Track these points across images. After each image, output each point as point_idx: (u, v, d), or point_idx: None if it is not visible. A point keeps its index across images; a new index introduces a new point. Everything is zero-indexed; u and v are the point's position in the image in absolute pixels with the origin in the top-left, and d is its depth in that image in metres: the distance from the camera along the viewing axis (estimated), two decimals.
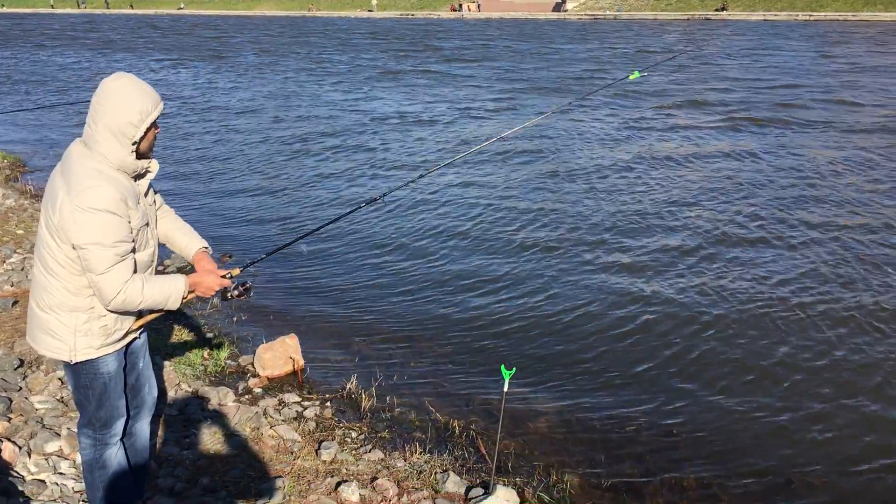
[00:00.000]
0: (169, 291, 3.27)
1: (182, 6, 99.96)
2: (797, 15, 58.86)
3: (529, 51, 36.04)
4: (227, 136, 16.25)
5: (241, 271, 3.71)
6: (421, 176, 6.16)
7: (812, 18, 57.32)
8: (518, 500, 4.39)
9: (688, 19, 62.49)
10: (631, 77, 6.83)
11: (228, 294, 3.58)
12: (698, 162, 12.92)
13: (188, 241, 3.65)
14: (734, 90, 20.57)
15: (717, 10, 65.33)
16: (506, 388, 4.32)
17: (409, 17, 78.37)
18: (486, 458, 4.85)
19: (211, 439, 4.81)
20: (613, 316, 7.05)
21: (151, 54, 36.54)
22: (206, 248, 3.69)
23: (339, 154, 14.06)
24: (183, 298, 3.36)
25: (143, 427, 3.77)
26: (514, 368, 4.37)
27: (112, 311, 3.24)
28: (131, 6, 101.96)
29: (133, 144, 3.13)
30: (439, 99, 20.26)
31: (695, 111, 17.93)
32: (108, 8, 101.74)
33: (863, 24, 51.98)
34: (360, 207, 5.53)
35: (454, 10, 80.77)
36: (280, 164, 13.54)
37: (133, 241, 3.17)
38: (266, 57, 34.84)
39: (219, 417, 5.07)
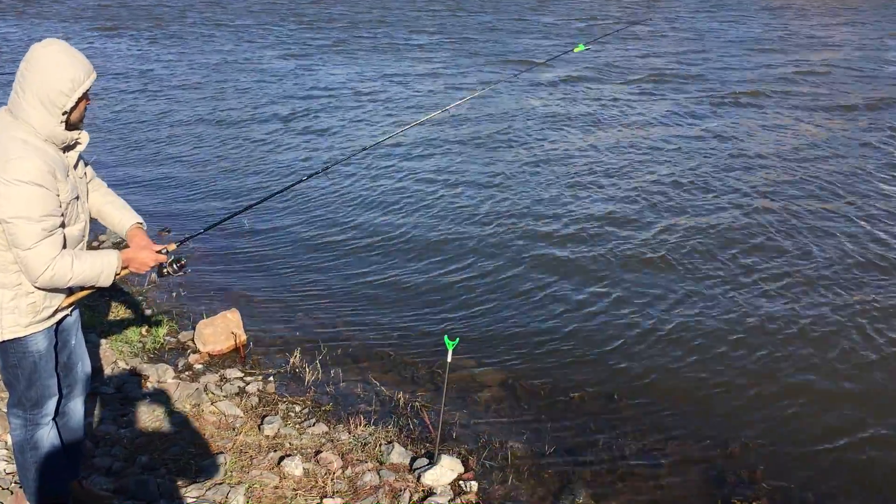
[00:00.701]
0: (101, 267, 3.16)
1: None
2: None
3: (480, 18, 35.85)
4: (167, 107, 15.78)
5: (177, 246, 3.60)
6: (364, 149, 6.10)
7: None
8: (462, 468, 4.43)
9: None
10: (575, 50, 6.85)
11: (164, 270, 3.47)
12: (633, 129, 13.06)
13: (122, 216, 3.52)
14: (690, 63, 20.81)
15: None
16: (449, 359, 4.33)
17: None
18: (431, 428, 4.86)
19: (150, 417, 4.72)
20: (558, 285, 7.11)
21: (84, 22, 35.27)
22: (141, 223, 3.55)
23: (283, 127, 13.78)
24: (116, 274, 3.25)
25: (76, 406, 3.65)
26: (458, 339, 4.38)
27: (40, 288, 3.11)
28: None
29: (63, 115, 3.00)
30: (386, 70, 19.93)
31: (642, 84, 18.10)
32: None
33: None
34: (302, 181, 5.43)
35: None
36: (222, 136, 13.22)
37: (62, 215, 3.05)
38: (208, 26, 33.93)
39: (158, 395, 4.98)
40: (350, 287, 7.13)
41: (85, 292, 3.37)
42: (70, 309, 3.42)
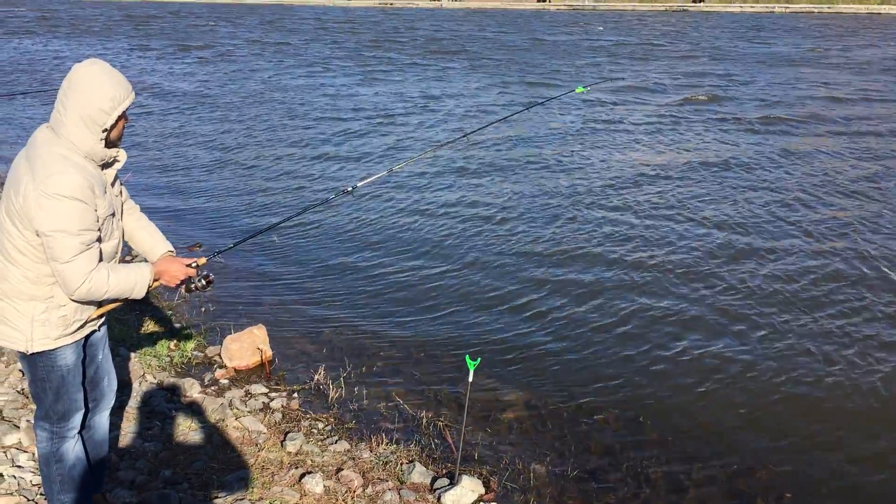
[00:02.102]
0: (135, 280, 3.22)
1: None
2: (773, 7, 59.27)
3: (506, 44, 35.98)
4: (200, 125, 16.09)
5: (207, 261, 3.66)
6: (390, 171, 6.11)
7: (788, 10, 57.74)
8: (483, 489, 4.40)
9: (666, 10, 62.71)
10: (577, 91, 6.94)
11: (192, 285, 3.53)
12: (664, 152, 12.99)
13: (153, 244, 3.57)
14: (724, 87, 20.69)
15: (694, 1, 65.62)
16: (470, 379, 4.32)
17: (388, 6, 77.95)
18: (452, 448, 4.84)
19: (174, 431, 4.76)
20: (582, 307, 7.07)
21: (123, 41, 36.05)
22: (172, 251, 3.61)
23: (313, 145, 13.96)
24: (148, 287, 3.30)
25: (101, 420, 3.70)
26: (479, 359, 4.37)
27: (76, 301, 3.17)
28: None
29: (103, 132, 3.07)
30: (415, 92, 20.13)
31: (678, 108, 18.04)
32: None
33: (836, 15, 52.47)
34: (330, 199, 5.50)
35: (433, 0, 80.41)
36: (253, 154, 13.43)
37: (99, 230, 3.11)
38: (241, 46, 34.51)
39: (183, 409, 5.02)
40: (375, 306, 7.15)
41: (114, 305, 3.42)
42: (98, 323, 3.48)
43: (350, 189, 4.97)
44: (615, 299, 7.18)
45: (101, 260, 3.15)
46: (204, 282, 3.53)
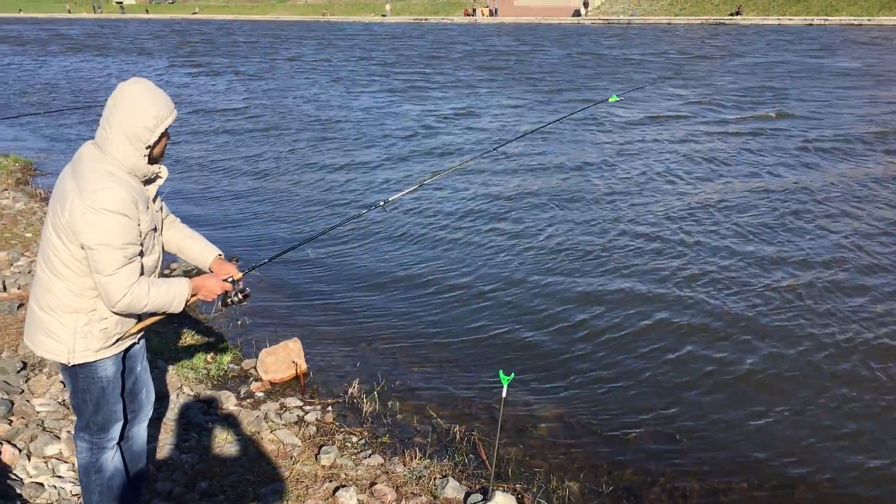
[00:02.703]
0: (173, 294, 3.29)
1: (197, 11, 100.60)
2: (812, 19, 58.52)
3: (543, 58, 36.01)
4: (237, 140, 16.33)
5: (243, 276, 3.72)
6: (421, 185, 6.14)
7: (827, 23, 56.99)
8: None
9: (701, 24, 62.28)
10: (610, 100, 6.89)
11: (229, 299, 3.59)
12: (702, 173, 12.86)
13: (202, 250, 3.69)
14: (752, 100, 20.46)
15: (731, 14, 65.08)
16: (504, 394, 4.30)
17: (423, 21, 78.56)
18: (486, 463, 4.82)
19: (211, 443, 4.81)
20: (616, 321, 7.02)
21: (165, 59, 36.78)
22: (221, 254, 3.73)
23: (348, 159, 14.08)
24: (186, 301, 3.37)
25: (140, 431, 3.77)
26: (513, 374, 4.35)
27: (116, 313, 3.24)
28: (146, 11, 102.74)
29: (147, 149, 3.16)
30: (449, 105, 20.21)
31: (696, 124, 17.87)
32: (123, 13, 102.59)
33: (878, 27, 51.64)
34: (362, 213, 5.53)
35: (468, 15, 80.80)
36: (289, 168, 13.59)
37: (141, 244, 3.19)
38: (282, 62, 34.99)
39: (219, 421, 5.08)
40: (409, 319, 7.17)
41: (154, 319, 3.49)
42: (138, 336, 3.54)
43: (382, 203, 5.02)
44: (652, 316, 7.10)
45: (142, 274, 3.22)
46: (241, 296, 3.60)
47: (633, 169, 12.68)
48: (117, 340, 3.35)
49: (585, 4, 73.46)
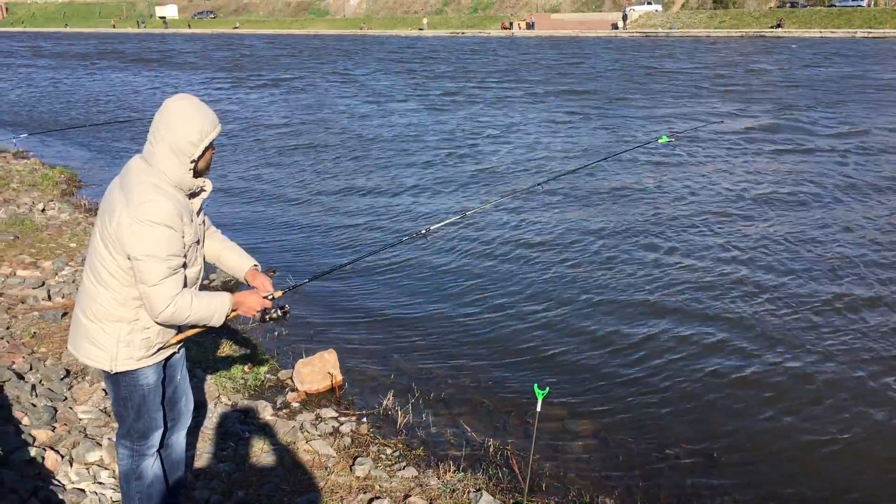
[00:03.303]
0: (215, 308, 3.36)
1: (237, 25, 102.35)
2: (855, 32, 57.60)
3: (583, 72, 35.93)
4: (279, 156, 16.52)
5: (282, 294, 3.78)
6: (464, 215, 6.09)
7: (871, 36, 56.05)
8: None
9: (742, 36, 61.67)
10: (660, 141, 6.84)
11: (267, 316, 3.65)
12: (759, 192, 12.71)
13: (240, 261, 3.76)
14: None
15: (772, 27, 64.35)
16: (538, 408, 4.29)
17: (460, 35, 78.92)
18: (520, 477, 4.81)
19: (247, 452, 4.87)
20: (654, 336, 6.96)
21: (208, 73, 37.45)
22: (257, 265, 3.80)
23: (391, 177, 14.08)
24: (226, 316, 3.43)
25: (179, 439, 3.84)
26: (548, 388, 4.34)
27: (159, 324, 3.32)
28: (189, 26, 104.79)
29: (192, 163, 3.24)
30: (493, 127, 19.97)
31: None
32: (166, 27, 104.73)
33: None
34: (403, 241, 5.52)
35: (505, 29, 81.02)
36: (330, 184, 13.67)
37: (185, 256, 3.26)
38: (324, 77, 35.42)
39: (256, 431, 5.14)
40: (444, 333, 7.18)
41: (195, 331, 3.56)
42: (178, 346, 3.62)
43: (423, 232, 5.09)
44: (688, 332, 7.03)
45: (185, 285, 3.29)
46: (280, 313, 3.66)
47: (682, 199, 12.48)
48: (158, 350, 3.42)
49: (624, 17, 73.19)
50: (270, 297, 3.64)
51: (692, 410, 5.76)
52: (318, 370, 6.01)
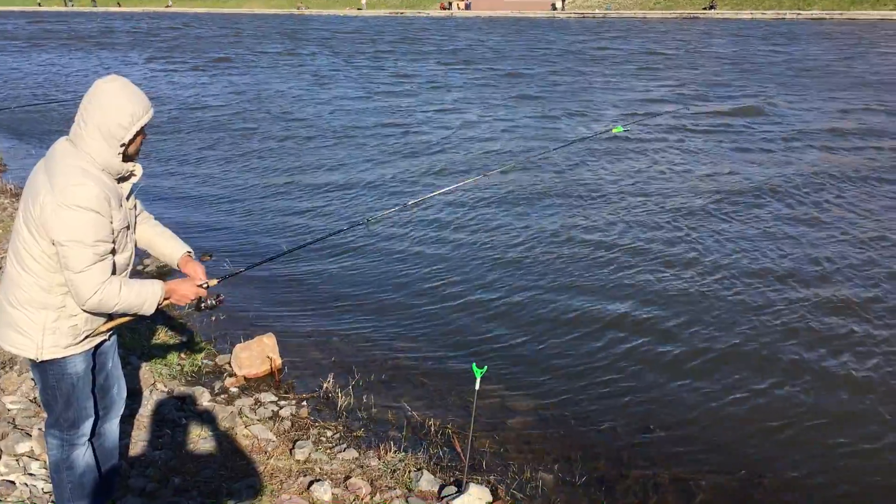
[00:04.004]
0: (145, 296, 3.26)
1: (170, 4, 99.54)
2: (784, 14, 59.14)
3: (525, 54, 36.07)
4: (219, 138, 16.18)
5: (218, 282, 3.71)
6: (404, 207, 6.06)
7: (800, 17, 57.60)
8: (490, 497, 4.41)
9: (676, 18, 62.68)
10: (614, 131, 6.92)
11: (203, 304, 3.58)
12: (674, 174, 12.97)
13: (172, 247, 3.66)
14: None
15: (705, 8, 65.59)
16: (477, 387, 4.34)
17: (400, 14, 78.36)
18: (461, 455, 4.85)
19: (184, 439, 4.80)
20: (588, 313, 7.08)
21: (141, 54, 36.39)
22: (190, 252, 3.70)
23: (331, 163, 13.87)
24: (158, 304, 3.35)
25: (112, 427, 3.75)
26: (486, 367, 4.38)
27: (86, 311, 3.22)
28: (119, 4, 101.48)
29: (121, 146, 3.14)
30: (436, 109, 19.87)
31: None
32: (95, 6, 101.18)
33: (849, 22, 52.28)
34: (344, 230, 5.48)
35: (444, 9, 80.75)
36: (271, 168, 13.45)
37: (113, 241, 3.17)
38: (258, 58, 34.77)
39: (193, 417, 5.06)
40: (385, 316, 7.17)
41: (126, 318, 3.46)
42: (109, 334, 3.52)
43: (364, 222, 5.06)
44: (622, 309, 7.17)
45: (114, 272, 3.20)
46: (215, 301, 3.60)
47: (626, 187, 12.67)
48: (87, 337, 3.33)
49: None
50: (205, 285, 3.57)
51: (627, 385, 5.88)
52: (256, 354, 5.94)
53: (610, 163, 13.08)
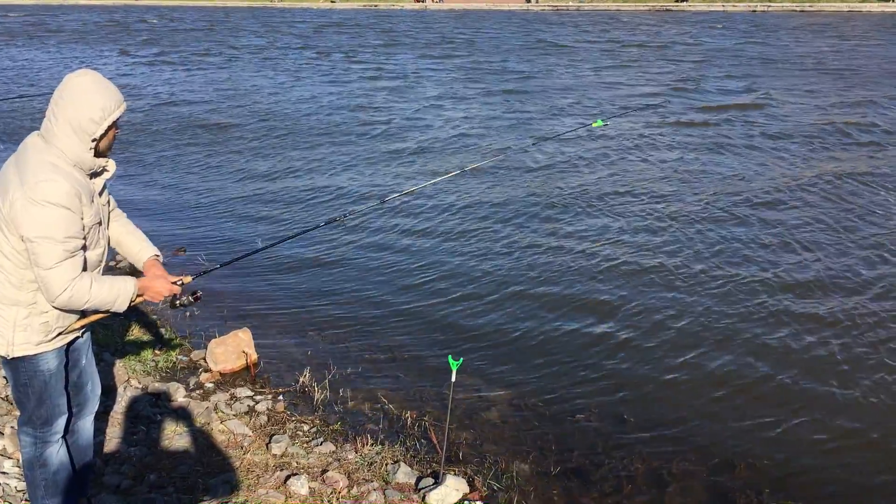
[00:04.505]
0: (117, 293, 3.23)
1: None
2: (756, 6, 59.68)
3: (498, 46, 36.09)
4: (195, 134, 16.06)
5: (192, 279, 3.68)
6: (383, 201, 6.04)
7: (770, 9, 58.16)
8: (467, 488, 4.44)
9: (649, 10, 63.02)
10: (594, 125, 6.98)
11: (177, 301, 3.55)
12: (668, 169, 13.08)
13: (140, 248, 3.60)
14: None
15: (677, 1, 65.99)
16: (453, 379, 4.36)
17: (373, 7, 78.01)
18: (437, 447, 4.88)
19: (159, 436, 4.78)
20: (563, 305, 7.15)
21: (113, 47, 35.94)
22: (158, 255, 3.63)
23: (307, 158, 13.79)
24: (130, 301, 3.31)
25: (86, 425, 3.72)
26: (461, 359, 4.40)
27: (57, 308, 3.19)
28: None
29: (93, 141, 3.10)
30: (415, 103, 19.83)
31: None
32: None
33: (818, 13, 52.90)
34: (319, 226, 5.46)
35: (417, 2, 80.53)
36: (247, 163, 13.36)
37: (84, 238, 3.13)
38: (234, 52, 34.47)
39: (168, 413, 5.04)
40: (360, 309, 7.18)
41: (98, 316, 3.42)
42: (81, 331, 3.49)
43: (338, 218, 5.02)
44: (596, 299, 7.25)
45: (85, 268, 3.17)
46: (191, 298, 3.56)
47: (605, 181, 12.78)
48: (59, 335, 3.30)
49: None
50: (179, 282, 3.54)
51: (601, 376, 5.95)
52: (231, 349, 5.93)
53: (588, 157, 13.15)
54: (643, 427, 5.29)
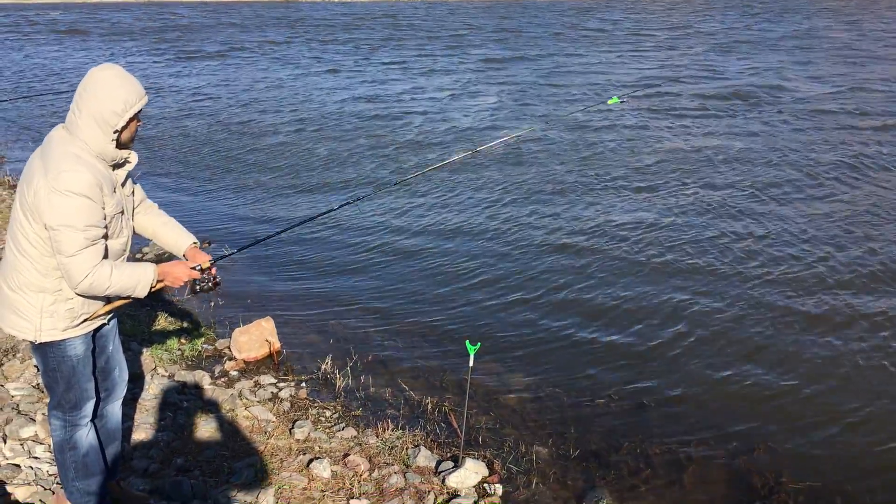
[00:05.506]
0: (137, 279, 3.31)
1: None
2: None
3: (485, 30, 35.95)
4: (219, 127, 16.20)
5: (212, 265, 3.75)
6: (396, 183, 6.16)
7: None
8: (486, 471, 4.50)
9: None
10: (609, 102, 6.97)
11: (197, 286, 3.62)
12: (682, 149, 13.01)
13: (178, 237, 3.70)
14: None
15: None
16: (471, 363, 4.41)
17: None
18: (457, 432, 4.94)
19: (186, 422, 4.89)
20: (582, 290, 7.17)
21: (133, 44, 36.28)
22: (196, 242, 3.73)
23: (324, 145, 13.95)
24: (151, 287, 3.40)
25: (114, 409, 3.82)
26: (479, 344, 4.46)
27: (79, 295, 3.29)
28: None
29: (115, 133, 3.18)
30: (447, 95, 19.90)
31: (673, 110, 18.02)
32: None
33: None
34: (334, 209, 5.54)
35: None
36: (264, 154, 13.50)
37: (105, 227, 3.22)
38: (253, 47, 34.66)
39: (194, 400, 5.15)
40: (379, 296, 7.27)
41: (122, 302, 3.52)
42: (107, 317, 3.59)
43: (351, 200, 5.09)
44: (613, 284, 7.28)
45: (106, 257, 3.27)
46: (211, 283, 3.63)
47: (624, 160, 12.73)
48: (85, 321, 3.40)
49: None
50: (198, 268, 3.61)
51: (619, 359, 5.99)
52: (255, 338, 6.02)
53: (604, 136, 13.14)
54: (661, 411, 5.32)
